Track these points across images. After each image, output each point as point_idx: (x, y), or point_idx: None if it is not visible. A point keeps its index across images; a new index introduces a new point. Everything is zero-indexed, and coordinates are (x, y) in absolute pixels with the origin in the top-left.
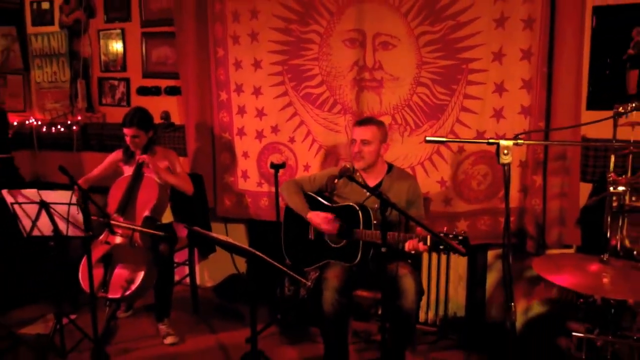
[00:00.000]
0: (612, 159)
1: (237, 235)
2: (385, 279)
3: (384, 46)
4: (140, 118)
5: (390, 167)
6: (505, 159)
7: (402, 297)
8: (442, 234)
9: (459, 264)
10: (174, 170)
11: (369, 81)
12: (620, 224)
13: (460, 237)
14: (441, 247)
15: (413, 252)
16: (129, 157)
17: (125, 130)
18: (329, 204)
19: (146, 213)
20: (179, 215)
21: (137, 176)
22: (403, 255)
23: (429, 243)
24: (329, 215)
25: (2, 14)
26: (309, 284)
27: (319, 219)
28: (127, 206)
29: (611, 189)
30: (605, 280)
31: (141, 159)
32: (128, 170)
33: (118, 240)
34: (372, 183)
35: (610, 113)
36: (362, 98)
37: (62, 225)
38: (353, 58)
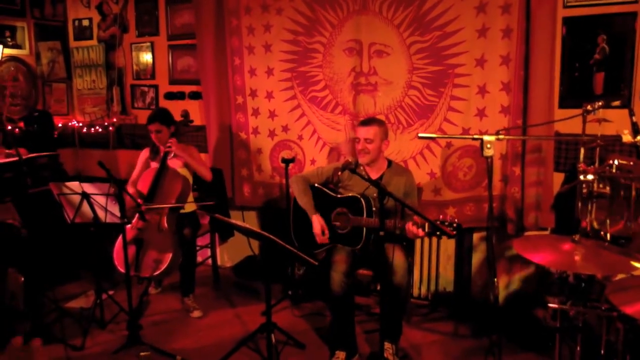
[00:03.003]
0: (582, 151)
1: (252, 222)
2: (381, 258)
3: (379, 54)
4: (161, 115)
5: (390, 162)
6: (488, 152)
7: (393, 273)
8: (437, 222)
9: (448, 245)
10: None
11: (364, 85)
12: (589, 208)
13: (454, 225)
14: (438, 232)
15: (414, 237)
16: (155, 153)
17: (150, 127)
18: (334, 194)
19: (171, 201)
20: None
21: (163, 168)
22: (399, 239)
23: (427, 229)
24: (325, 234)
25: (48, 30)
26: (317, 264)
27: (317, 228)
28: (154, 195)
29: (581, 177)
30: (577, 258)
31: (168, 143)
32: (155, 165)
33: (147, 226)
34: (374, 176)
35: (579, 111)
36: (358, 100)
37: (100, 213)
38: (351, 65)
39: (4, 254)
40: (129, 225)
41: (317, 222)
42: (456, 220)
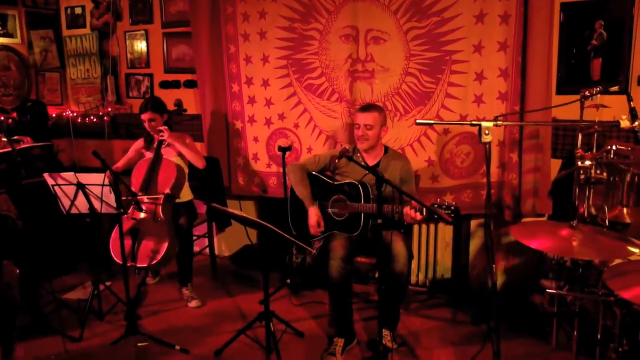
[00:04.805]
0: (580, 137)
1: (249, 211)
2: (381, 246)
3: (375, 41)
4: (153, 103)
5: (387, 148)
6: (486, 139)
7: (394, 261)
8: (435, 205)
9: (446, 231)
10: None
11: (361, 72)
12: (586, 194)
13: (452, 208)
14: (435, 216)
15: (412, 222)
16: (149, 143)
17: (143, 116)
18: (331, 181)
19: (166, 191)
20: (199, 193)
21: (157, 158)
22: (397, 225)
23: (424, 213)
24: (321, 227)
25: (40, 19)
26: (314, 252)
27: (313, 220)
28: (149, 185)
29: (579, 163)
30: (574, 243)
31: (160, 127)
32: (149, 155)
33: (143, 215)
34: (371, 162)
35: (577, 97)
36: (355, 87)
37: (96, 204)
38: (347, 52)
39: None
40: (124, 216)
41: (314, 215)
42: (455, 204)
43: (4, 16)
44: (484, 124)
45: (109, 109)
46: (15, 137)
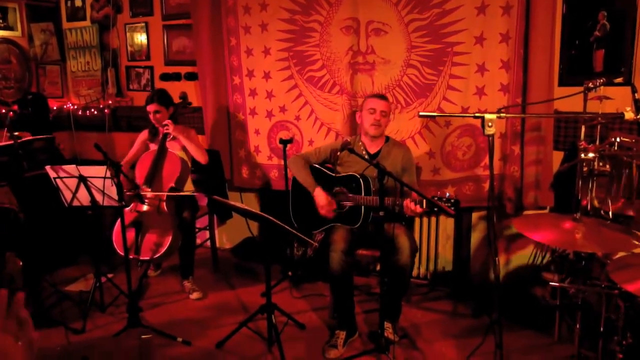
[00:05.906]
0: (583, 129)
1: (250, 203)
2: (384, 238)
3: (376, 32)
4: (159, 95)
5: (387, 138)
6: (489, 131)
7: (399, 254)
8: (435, 198)
9: (447, 224)
10: None
11: (362, 64)
12: (589, 186)
13: (452, 200)
14: (435, 209)
15: (412, 214)
16: (154, 135)
17: (148, 108)
18: (332, 174)
19: (171, 184)
20: (200, 186)
21: (162, 151)
22: (399, 217)
23: (424, 206)
24: (333, 205)
25: (40, 11)
26: (315, 244)
27: (322, 200)
28: (153, 178)
29: (582, 155)
30: (577, 236)
31: (165, 122)
32: (154, 147)
33: (146, 208)
34: (373, 150)
35: (579, 89)
36: (356, 80)
37: (98, 197)
38: (348, 44)
39: (1, 238)
40: (127, 208)
41: (321, 195)
42: (454, 195)
43: (5, 9)
44: (487, 116)
45: (110, 102)
46: (16, 134)
